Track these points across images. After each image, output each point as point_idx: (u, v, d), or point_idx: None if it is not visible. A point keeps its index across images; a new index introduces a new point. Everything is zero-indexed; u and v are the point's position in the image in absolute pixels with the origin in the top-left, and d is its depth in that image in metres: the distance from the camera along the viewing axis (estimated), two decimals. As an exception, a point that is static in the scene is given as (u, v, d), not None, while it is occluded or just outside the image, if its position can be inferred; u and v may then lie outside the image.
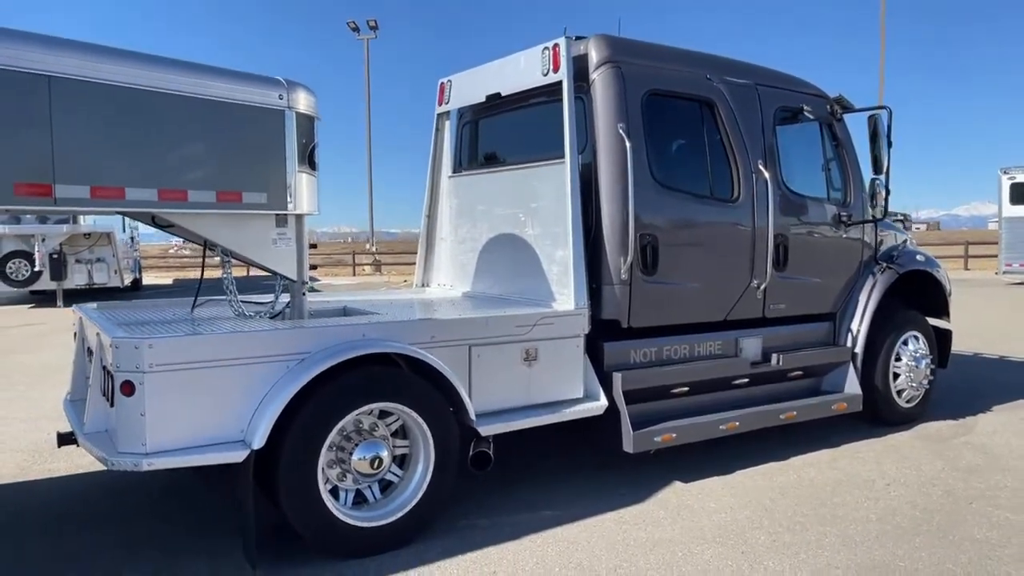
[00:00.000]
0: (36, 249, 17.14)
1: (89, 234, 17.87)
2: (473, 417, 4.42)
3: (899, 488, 5.09)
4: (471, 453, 4.50)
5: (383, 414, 4.26)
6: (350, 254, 35.32)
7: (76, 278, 17.92)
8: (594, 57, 5.17)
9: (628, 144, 4.99)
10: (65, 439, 4.51)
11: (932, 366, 6.72)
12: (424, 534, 4.28)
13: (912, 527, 4.46)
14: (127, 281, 19.56)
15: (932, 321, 7.00)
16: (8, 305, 18.31)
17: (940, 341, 7.00)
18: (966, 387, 8.06)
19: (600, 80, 5.13)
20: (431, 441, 4.28)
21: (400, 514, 4.20)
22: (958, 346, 10.50)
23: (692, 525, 4.49)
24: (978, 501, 4.85)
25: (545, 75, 5.18)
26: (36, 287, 17.96)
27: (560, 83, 5.05)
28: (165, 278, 31.07)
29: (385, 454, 4.21)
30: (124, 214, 5.08)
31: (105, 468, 3.74)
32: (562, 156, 5.03)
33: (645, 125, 5.19)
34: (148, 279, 27.59)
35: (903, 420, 6.56)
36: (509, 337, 4.68)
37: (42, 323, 14.67)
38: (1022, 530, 4.41)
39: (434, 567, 3.98)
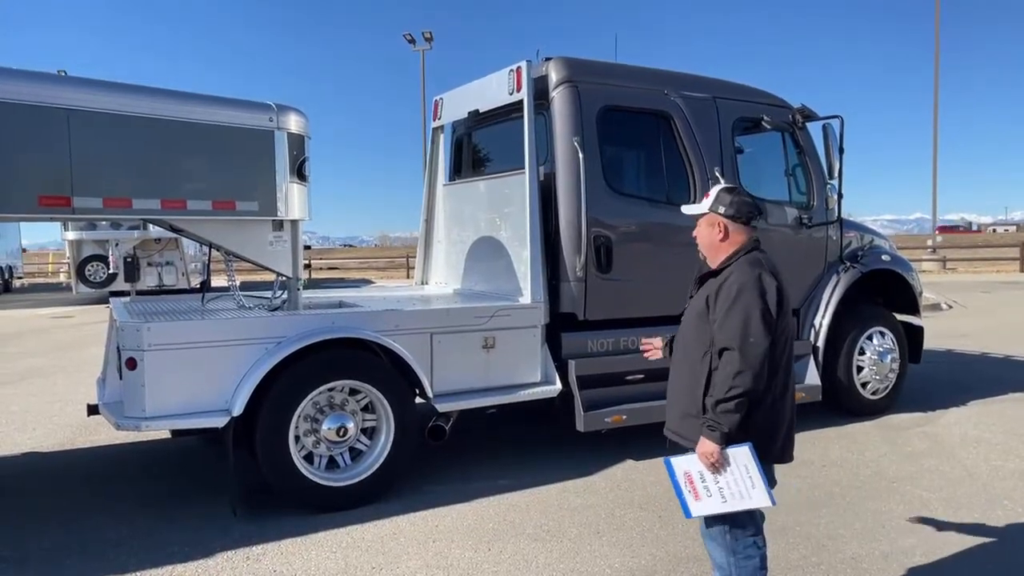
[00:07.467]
0: (111, 253, 18.52)
1: (159, 239, 19.13)
2: (431, 395, 5.09)
3: (833, 469, 5.51)
4: (428, 426, 5.15)
5: (353, 391, 4.96)
6: (405, 258, 36.35)
7: (148, 280, 19.23)
8: (553, 77, 5.77)
9: (581, 155, 5.56)
10: (93, 410, 5.36)
11: (898, 360, 7.03)
12: (387, 496, 4.95)
13: (825, 500, 4.91)
14: (194, 283, 20.84)
15: (905, 318, 7.32)
16: (88, 304, 19.87)
17: (913, 337, 7.30)
18: (958, 382, 8.30)
19: (558, 98, 5.73)
20: (391, 415, 4.96)
21: (363, 476, 4.90)
22: (978, 345, 10.66)
23: (624, 495, 5.04)
24: (901, 481, 5.24)
25: (511, 94, 5.81)
26: (113, 288, 19.35)
27: (522, 101, 5.67)
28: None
29: (351, 425, 4.89)
30: (133, 220, 5.91)
31: (132, 438, 4.53)
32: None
33: (600, 138, 5.75)
34: (218, 281, 29.11)
35: (869, 411, 6.91)
36: (468, 327, 5.31)
37: (114, 320, 15.95)
38: (924, 505, 4.80)
39: (387, 520, 4.65)
